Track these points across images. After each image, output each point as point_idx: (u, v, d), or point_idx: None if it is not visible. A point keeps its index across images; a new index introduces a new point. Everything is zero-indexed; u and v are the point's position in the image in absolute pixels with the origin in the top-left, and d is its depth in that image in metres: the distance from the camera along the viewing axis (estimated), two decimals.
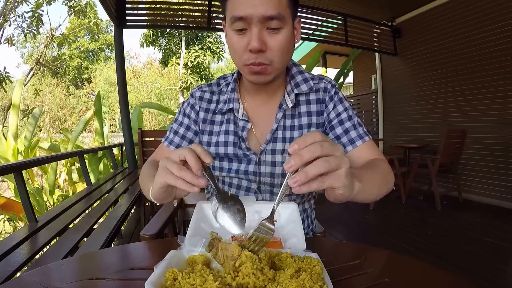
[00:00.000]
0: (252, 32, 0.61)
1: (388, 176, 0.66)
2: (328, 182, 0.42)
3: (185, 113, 0.81)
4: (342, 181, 0.43)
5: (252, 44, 0.61)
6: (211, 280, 0.36)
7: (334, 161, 0.41)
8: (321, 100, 0.76)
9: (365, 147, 0.73)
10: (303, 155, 0.40)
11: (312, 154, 0.40)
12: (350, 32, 4.32)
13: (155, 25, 4.34)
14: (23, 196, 1.56)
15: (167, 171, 0.48)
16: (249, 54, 0.63)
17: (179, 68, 13.99)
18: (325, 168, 0.40)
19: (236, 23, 0.61)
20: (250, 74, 0.66)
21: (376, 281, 0.43)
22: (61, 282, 0.42)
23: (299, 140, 0.42)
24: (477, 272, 1.84)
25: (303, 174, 0.40)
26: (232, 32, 0.64)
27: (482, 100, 3.50)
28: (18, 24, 8.61)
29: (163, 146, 0.82)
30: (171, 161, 0.48)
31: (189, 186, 0.47)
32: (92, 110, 4.97)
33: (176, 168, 0.47)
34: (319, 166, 0.40)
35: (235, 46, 0.64)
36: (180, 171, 0.47)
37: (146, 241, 0.78)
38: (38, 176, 5.58)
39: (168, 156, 0.50)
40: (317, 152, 0.40)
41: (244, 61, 0.64)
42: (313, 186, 0.41)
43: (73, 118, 14.52)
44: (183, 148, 0.49)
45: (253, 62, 0.63)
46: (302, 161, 0.40)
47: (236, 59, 0.67)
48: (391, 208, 3.32)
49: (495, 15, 3.31)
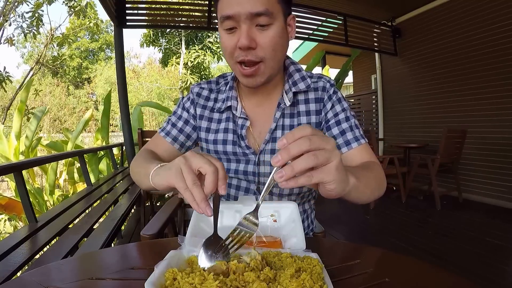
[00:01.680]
0: (241, 29, 0.61)
1: (381, 179, 0.65)
2: (317, 177, 0.40)
3: (184, 107, 0.81)
4: (333, 175, 0.41)
5: (241, 41, 0.61)
6: (211, 280, 0.36)
7: (323, 155, 0.40)
8: (320, 99, 0.76)
9: (360, 149, 0.72)
10: (290, 149, 0.39)
11: (300, 148, 0.39)
12: (350, 32, 4.32)
13: (155, 25, 4.34)
14: (23, 196, 1.56)
15: (181, 176, 0.46)
16: (239, 52, 0.63)
17: (179, 68, 13.98)
18: (313, 162, 0.39)
19: (225, 22, 0.62)
20: (242, 76, 0.67)
21: (376, 281, 0.43)
22: (61, 282, 0.42)
23: (288, 134, 0.40)
24: (477, 272, 1.84)
25: (289, 168, 0.39)
26: (222, 32, 0.64)
27: (482, 100, 3.50)
28: (18, 24, 8.61)
29: (159, 136, 0.81)
30: (188, 167, 0.46)
31: (195, 204, 0.44)
32: (91, 110, 4.97)
33: (191, 180, 0.45)
34: (306, 160, 0.39)
35: (225, 45, 0.65)
36: (193, 185, 0.44)
37: (146, 241, 0.78)
38: (38, 176, 5.58)
39: (188, 156, 0.47)
40: (305, 146, 0.39)
41: (235, 58, 0.64)
42: (301, 181, 0.40)
43: (73, 118, 14.53)
44: (207, 159, 0.46)
45: (243, 59, 0.63)
46: (289, 156, 0.39)
47: (228, 58, 0.67)
48: (391, 208, 3.32)
49: (495, 15, 3.31)
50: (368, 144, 0.75)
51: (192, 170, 0.46)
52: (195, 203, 0.44)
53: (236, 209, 0.64)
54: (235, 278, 0.37)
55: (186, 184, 0.45)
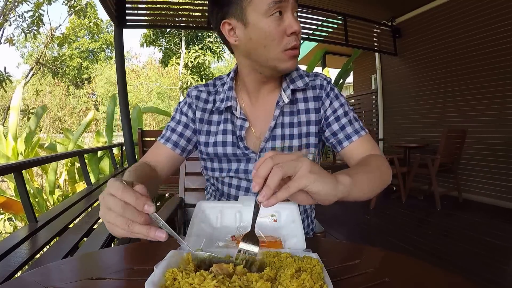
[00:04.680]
0: (290, 15, 0.64)
1: (384, 170, 0.65)
2: (293, 185, 0.43)
3: (182, 112, 0.80)
4: (308, 178, 0.43)
5: (295, 26, 0.63)
6: (210, 279, 0.36)
7: (289, 164, 0.43)
8: (318, 97, 0.77)
9: (361, 141, 0.73)
10: (260, 172, 0.43)
11: (266, 167, 0.43)
12: (350, 32, 4.32)
13: (155, 25, 4.34)
14: (23, 196, 1.56)
15: (115, 226, 0.42)
16: (289, 38, 0.64)
17: (179, 68, 13.99)
18: (280, 172, 0.42)
19: (274, 8, 0.62)
20: (289, 59, 0.67)
21: (376, 281, 0.43)
22: (61, 282, 0.42)
23: (256, 163, 0.45)
24: (477, 272, 1.84)
25: (266, 188, 0.42)
26: (269, 20, 0.62)
27: (482, 100, 3.50)
28: (18, 24, 8.62)
29: (159, 144, 0.79)
30: (111, 215, 0.41)
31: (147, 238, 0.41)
32: (93, 111, 4.96)
33: (124, 223, 0.41)
34: (274, 173, 0.42)
35: (273, 33, 0.63)
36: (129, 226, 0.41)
37: (146, 241, 0.77)
38: (38, 176, 5.58)
39: (103, 203, 0.43)
40: (270, 164, 0.43)
41: (284, 46, 0.65)
42: (281, 196, 0.43)
43: (73, 118, 14.52)
44: (114, 198, 0.41)
45: (295, 45, 0.65)
46: (261, 178, 0.43)
47: (274, 47, 0.64)
48: (391, 208, 3.32)
49: (495, 15, 3.30)
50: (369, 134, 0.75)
51: (115, 215, 0.41)
52: (146, 237, 0.42)
53: (237, 209, 0.64)
54: (238, 278, 0.37)
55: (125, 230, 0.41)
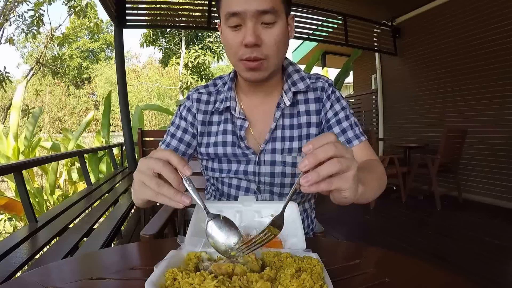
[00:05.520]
0: (247, 27, 0.62)
1: (383, 178, 0.67)
2: (336, 183, 0.42)
3: (181, 116, 0.80)
4: (350, 184, 0.42)
5: (248, 38, 0.61)
6: (210, 279, 0.36)
7: (345, 162, 0.41)
8: (319, 99, 0.77)
9: (361, 147, 0.74)
10: (318, 155, 0.40)
11: (326, 154, 0.40)
12: (350, 32, 4.32)
13: (155, 25, 4.35)
14: (23, 196, 1.56)
15: (145, 186, 0.46)
16: (244, 49, 0.63)
17: (179, 68, 13.99)
18: (336, 168, 0.40)
19: (231, 19, 0.62)
20: (246, 70, 0.66)
21: (376, 281, 0.43)
22: (61, 282, 0.42)
23: (314, 140, 0.42)
24: (477, 272, 1.84)
25: (315, 174, 0.40)
26: (227, 29, 0.64)
27: (482, 100, 3.50)
28: (18, 24, 8.62)
29: (160, 149, 0.82)
30: (146, 176, 0.45)
31: (172, 202, 0.44)
32: (93, 111, 4.98)
33: (154, 184, 0.45)
34: (331, 166, 0.40)
35: (230, 42, 0.65)
36: (158, 188, 0.44)
37: (146, 241, 0.78)
38: (38, 176, 5.58)
39: (140, 166, 0.46)
40: (331, 152, 0.40)
41: (239, 56, 0.65)
42: (321, 187, 0.41)
43: (73, 118, 14.53)
44: (156, 158, 0.45)
45: (249, 57, 0.63)
46: (316, 161, 0.40)
47: (232, 55, 0.67)
48: (391, 208, 3.32)
49: (495, 15, 3.30)
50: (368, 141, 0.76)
51: (150, 176, 0.45)
52: (171, 201, 0.44)
53: (236, 209, 0.63)
54: (238, 278, 0.37)
55: (155, 191, 0.45)
